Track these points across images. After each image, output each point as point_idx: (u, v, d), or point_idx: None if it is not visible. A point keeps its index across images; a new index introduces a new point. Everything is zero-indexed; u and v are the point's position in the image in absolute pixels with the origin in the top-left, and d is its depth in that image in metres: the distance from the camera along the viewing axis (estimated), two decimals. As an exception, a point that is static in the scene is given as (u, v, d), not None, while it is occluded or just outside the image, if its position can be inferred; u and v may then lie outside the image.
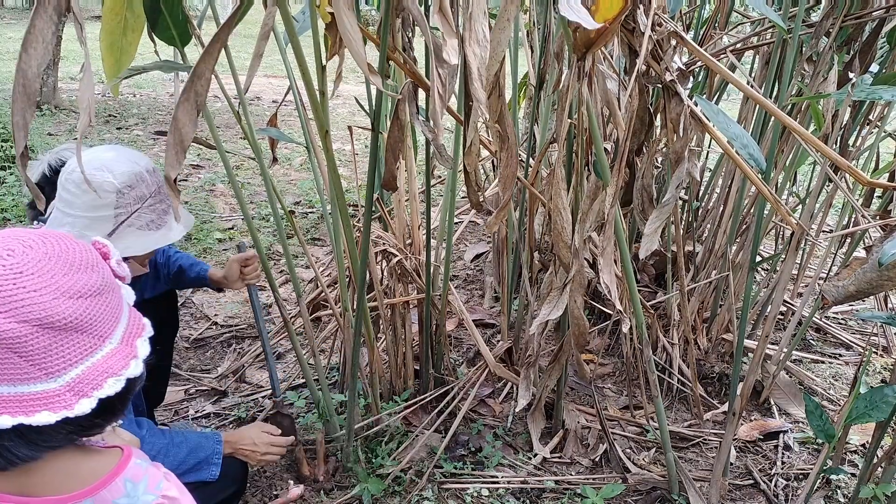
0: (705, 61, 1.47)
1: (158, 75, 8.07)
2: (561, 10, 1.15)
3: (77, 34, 1.08)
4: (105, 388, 0.77)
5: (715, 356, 2.61)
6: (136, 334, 0.83)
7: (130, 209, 1.35)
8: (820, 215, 2.71)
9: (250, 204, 4.32)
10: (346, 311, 1.96)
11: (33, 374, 0.73)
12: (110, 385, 0.77)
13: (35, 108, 1.08)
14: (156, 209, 1.40)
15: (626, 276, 1.77)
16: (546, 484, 2.03)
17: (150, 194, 1.38)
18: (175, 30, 1.60)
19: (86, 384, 0.76)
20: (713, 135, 1.44)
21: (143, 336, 0.84)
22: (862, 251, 2.70)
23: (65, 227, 1.33)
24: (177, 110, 1.15)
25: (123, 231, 1.35)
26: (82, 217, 1.33)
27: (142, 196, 1.37)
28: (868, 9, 1.92)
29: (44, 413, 0.73)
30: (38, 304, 0.72)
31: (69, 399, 0.74)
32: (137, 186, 1.36)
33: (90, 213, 1.33)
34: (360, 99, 2.67)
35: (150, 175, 1.40)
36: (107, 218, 1.34)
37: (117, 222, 1.34)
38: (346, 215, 1.70)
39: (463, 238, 3.93)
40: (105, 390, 0.77)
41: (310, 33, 1.70)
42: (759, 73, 2.55)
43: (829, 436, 1.72)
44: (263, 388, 2.46)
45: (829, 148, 1.38)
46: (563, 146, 1.61)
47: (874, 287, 1.36)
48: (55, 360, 0.74)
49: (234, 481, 1.65)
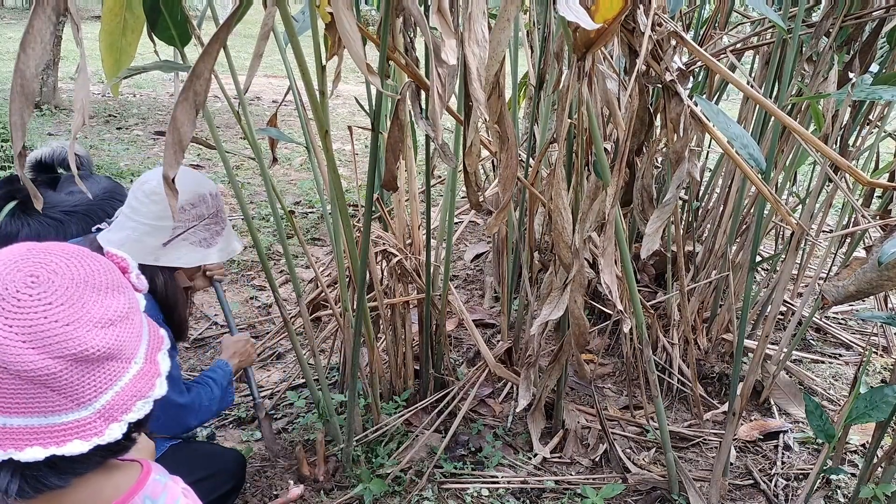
0: (705, 61, 1.47)
1: (158, 75, 8.07)
2: (559, 10, 1.15)
3: (73, 34, 1.07)
4: (134, 411, 0.75)
5: (715, 356, 2.60)
6: (157, 348, 0.81)
7: (188, 224, 1.48)
8: (820, 215, 2.71)
9: (250, 204, 4.32)
10: (346, 311, 1.95)
11: (65, 405, 0.70)
12: (139, 408, 0.76)
13: (33, 107, 1.07)
14: (210, 229, 1.52)
15: (626, 276, 1.77)
16: (546, 484, 2.03)
17: (209, 215, 1.51)
18: (175, 30, 1.60)
19: (115, 409, 0.74)
20: (713, 135, 1.44)
21: (162, 349, 0.82)
22: (862, 251, 2.70)
23: (126, 232, 1.45)
24: (175, 110, 1.14)
25: (178, 243, 1.47)
26: (145, 224, 1.45)
27: (200, 215, 1.50)
28: (868, 9, 1.91)
29: (75, 442, 0.71)
30: (73, 340, 0.69)
31: (100, 426, 0.72)
32: (199, 206, 1.49)
33: (153, 222, 1.45)
34: (361, 99, 2.67)
35: (212, 198, 1.52)
36: (166, 228, 1.46)
37: (174, 234, 1.46)
38: (346, 215, 1.70)
39: (463, 238, 3.93)
40: (134, 414, 0.75)
41: (310, 33, 1.70)
42: (759, 73, 2.55)
43: (829, 436, 1.72)
44: (263, 388, 2.46)
45: (829, 148, 1.38)
46: (563, 146, 1.61)
47: (874, 287, 1.35)
48: (87, 390, 0.71)
49: (232, 477, 1.68)
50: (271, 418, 2.20)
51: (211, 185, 1.54)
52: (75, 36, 1.08)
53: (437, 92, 1.19)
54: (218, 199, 1.55)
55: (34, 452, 0.69)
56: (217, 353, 2.07)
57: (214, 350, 2.73)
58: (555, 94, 2.32)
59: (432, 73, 1.20)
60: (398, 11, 1.48)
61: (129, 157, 5.14)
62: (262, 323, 2.95)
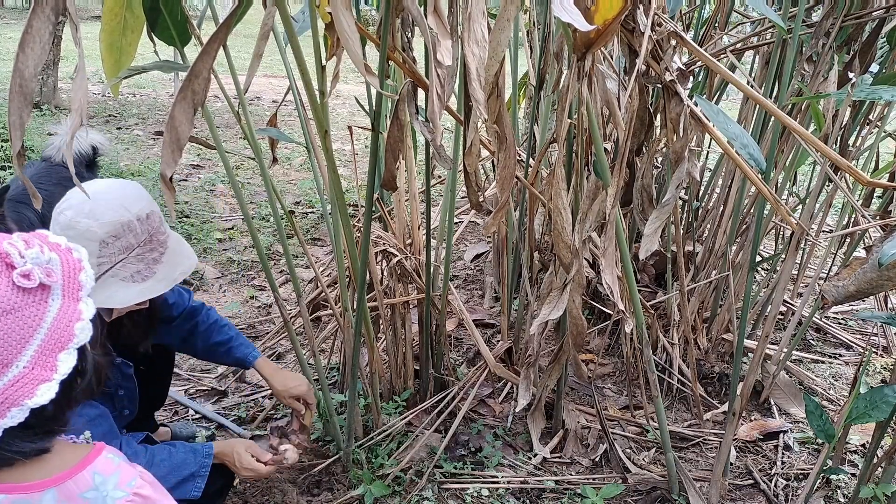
0: (705, 61, 1.47)
1: (158, 75, 8.07)
2: (554, 10, 1.14)
3: (72, 34, 1.07)
4: (9, 418, 0.74)
5: (715, 356, 2.60)
6: (59, 348, 0.77)
7: (115, 259, 1.28)
8: (820, 215, 2.70)
9: (250, 204, 4.31)
10: (346, 311, 1.95)
11: None
12: (14, 415, 0.75)
13: (31, 107, 1.07)
14: (144, 258, 1.32)
15: (626, 276, 1.77)
16: (546, 484, 2.03)
17: (139, 244, 1.31)
18: (174, 30, 1.60)
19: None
20: (713, 135, 1.44)
21: (67, 349, 0.78)
22: (862, 251, 2.70)
23: None
24: (173, 109, 1.14)
25: (106, 281, 1.28)
26: None
27: (128, 246, 1.29)
28: (868, 9, 1.91)
29: None
30: None
31: None
32: (124, 236, 1.29)
33: None
34: (361, 99, 2.66)
35: (140, 223, 1.31)
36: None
37: (100, 272, 1.27)
38: (346, 215, 1.70)
39: (463, 238, 3.93)
40: (8, 421, 0.74)
41: (309, 33, 1.70)
42: (759, 73, 2.55)
43: (829, 436, 1.72)
44: (263, 388, 2.45)
45: (829, 148, 1.38)
46: (562, 146, 1.61)
47: (874, 287, 1.35)
48: None
49: (222, 475, 1.62)
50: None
51: (141, 206, 1.32)
52: (74, 36, 1.08)
53: (436, 92, 1.19)
54: (151, 220, 1.33)
55: None
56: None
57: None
58: (555, 94, 2.32)
59: (432, 74, 1.20)
60: (398, 11, 1.48)
61: (128, 157, 5.14)
62: (262, 323, 2.95)
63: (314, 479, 1.99)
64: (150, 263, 1.33)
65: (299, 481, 1.98)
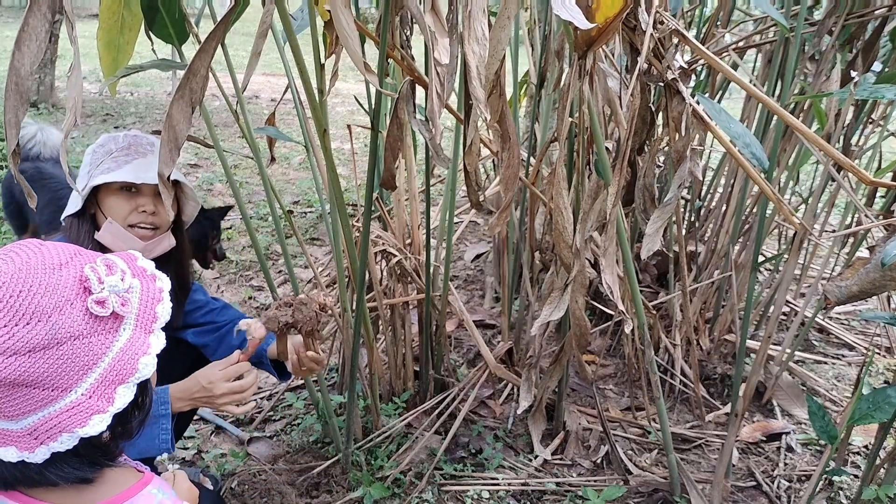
0: (707, 59, 1.45)
1: (156, 74, 8.05)
2: (554, 8, 1.13)
3: (67, 33, 1.07)
4: (59, 442, 0.74)
5: (717, 357, 2.59)
6: (119, 381, 0.77)
7: (98, 161, 1.42)
8: (823, 215, 2.70)
9: (249, 203, 4.30)
10: (345, 311, 1.94)
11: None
12: (64, 441, 0.74)
13: (27, 105, 1.07)
14: (118, 160, 1.41)
15: (627, 277, 1.76)
16: (547, 486, 2.02)
17: (117, 149, 1.42)
18: (172, 28, 1.59)
19: (42, 433, 0.74)
20: (715, 133, 1.43)
21: (127, 382, 0.77)
22: (865, 251, 2.69)
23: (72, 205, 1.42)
24: (171, 107, 1.13)
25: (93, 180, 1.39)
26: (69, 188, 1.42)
27: (109, 150, 1.43)
28: (870, 7, 1.90)
29: (11, 449, 0.74)
30: None
31: (30, 443, 0.74)
32: (108, 143, 1.43)
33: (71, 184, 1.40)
34: (360, 97, 2.65)
35: (124, 137, 1.45)
36: (82, 177, 1.42)
37: (89, 178, 1.40)
38: (345, 215, 1.69)
39: (463, 238, 3.91)
40: (57, 445, 0.75)
41: (308, 31, 1.69)
42: (762, 72, 2.54)
43: (832, 437, 1.70)
44: (262, 388, 2.44)
45: (831, 147, 1.37)
46: (564, 145, 1.60)
47: (877, 287, 1.34)
48: (6, 408, 0.73)
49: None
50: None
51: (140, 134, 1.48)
52: (69, 35, 1.07)
53: (435, 90, 1.17)
54: (137, 137, 1.45)
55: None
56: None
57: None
58: (556, 92, 2.30)
59: (431, 72, 1.18)
60: (397, 9, 1.47)
61: (128, 156, 5.12)
62: (262, 323, 2.93)
63: (313, 480, 1.97)
64: (124, 163, 1.41)
65: (298, 483, 1.97)
